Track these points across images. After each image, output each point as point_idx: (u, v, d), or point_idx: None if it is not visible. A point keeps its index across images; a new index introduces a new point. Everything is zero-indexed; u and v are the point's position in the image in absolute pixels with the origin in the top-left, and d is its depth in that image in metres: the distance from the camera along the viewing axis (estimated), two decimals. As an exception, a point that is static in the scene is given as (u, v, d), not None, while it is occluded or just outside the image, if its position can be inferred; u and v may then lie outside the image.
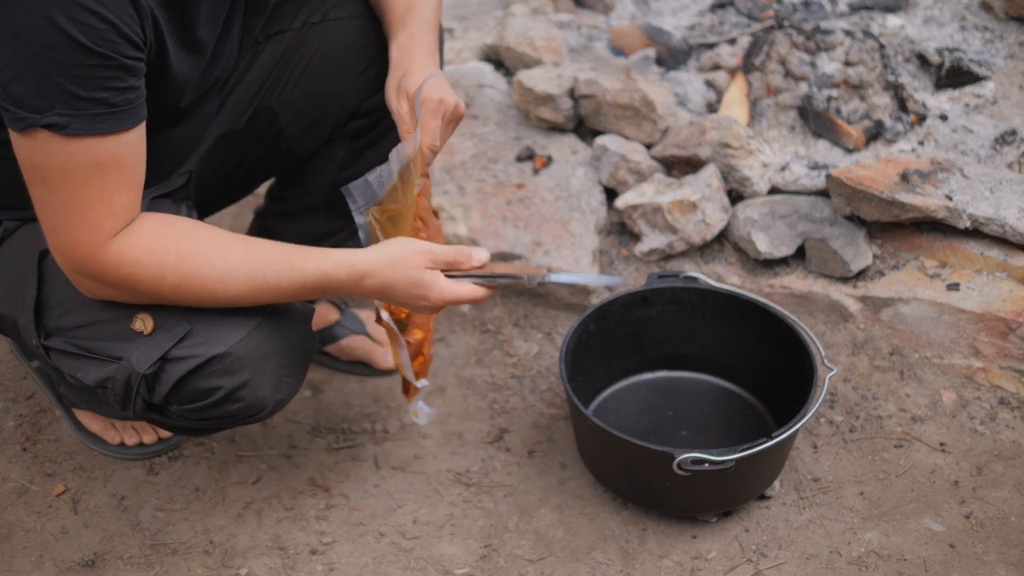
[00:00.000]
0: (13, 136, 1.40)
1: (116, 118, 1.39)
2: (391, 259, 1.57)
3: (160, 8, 1.41)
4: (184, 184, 1.75)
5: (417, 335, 1.76)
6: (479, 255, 1.63)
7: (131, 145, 1.43)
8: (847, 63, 2.51)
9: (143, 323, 1.54)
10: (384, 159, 1.93)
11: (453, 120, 1.70)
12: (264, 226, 2.07)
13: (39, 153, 1.39)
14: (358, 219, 1.71)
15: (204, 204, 1.87)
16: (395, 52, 1.74)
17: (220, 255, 1.51)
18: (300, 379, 1.69)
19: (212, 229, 1.54)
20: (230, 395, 1.57)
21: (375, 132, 1.90)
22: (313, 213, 1.99)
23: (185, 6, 1.46)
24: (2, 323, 1.70)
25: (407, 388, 1.84)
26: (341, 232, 2.01)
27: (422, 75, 1.69)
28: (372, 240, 1.72)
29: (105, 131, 1.38)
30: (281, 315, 1.62)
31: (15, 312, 1.62)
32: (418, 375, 1.78)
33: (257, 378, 1.59)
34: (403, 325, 1.74)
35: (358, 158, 1.92)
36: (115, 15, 1.33)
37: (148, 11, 1.38)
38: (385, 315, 1.70)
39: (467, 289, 1.61)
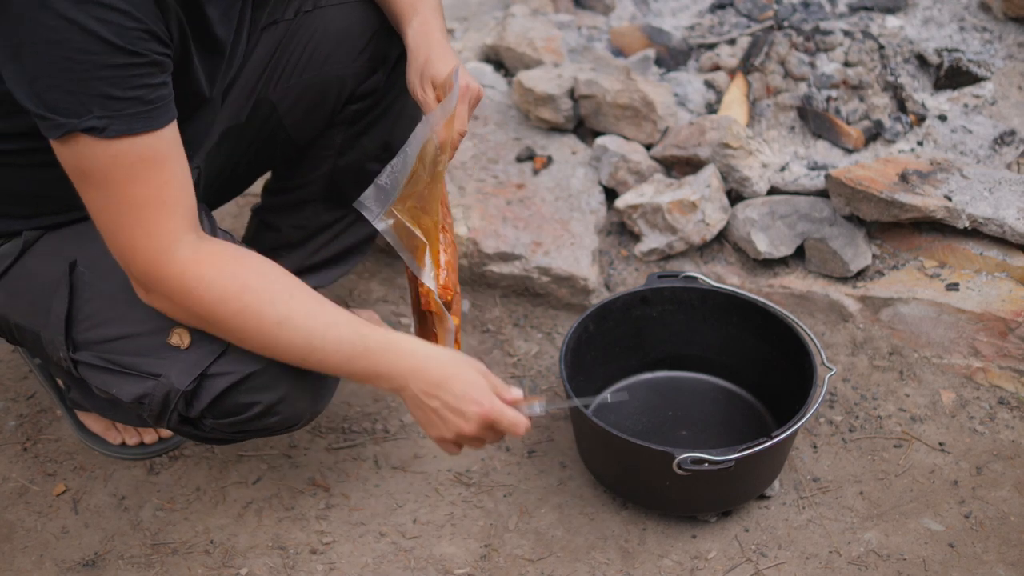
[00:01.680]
0: (55, 145, 1.39)
1: (153, 116, 1.38)
2: (456, 356, 1.54)
3: (182, 8, 1.41)
4: (196, 181, 1.75)
5: (456, 320, 1.75)
6: (515, 393, 1.56)
7: (171, 140, 1.42)
8: (846, 63, 2.51)
9: (180, 338, 1.52)
10: (381, 144, 1.94)
11: (475, 103, 1.72)
12: (263, 221, 2.07)
13: (83, 159, 1.38)
14: (379, 226, 1.69)
15: (210, 200, 1.87)
16: (411, 38, 1.75)
17: (286, 302, 1.48)
18: (334, 390, 1.69)
19: (286, 273, 1.52)
20: (268, 410, 1.56)
21: (371, 116, 1.91)
22: (312, 204, 1.99)
23: (200, 7, 1.46)
24: (20, 335, 1.68)
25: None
26: (339, 223, 2.01)
27: (443, 61, 1.70)
28: (402, 239, 1.70)
29: (144, 129, 1.38)
30: None
31: (38, 325, 1.60)
32: None
33: (295, 392, 1.58)
34: (447, 307, 1.74)
35: (354, 144, 1.93)
36: (142, 13, 1.33)
37: (172, 9, 1.38)
38: (437, 298, 1.70)
39: (514, 413, 1.53)
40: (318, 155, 1.95)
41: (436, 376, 1.50)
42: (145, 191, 1.40)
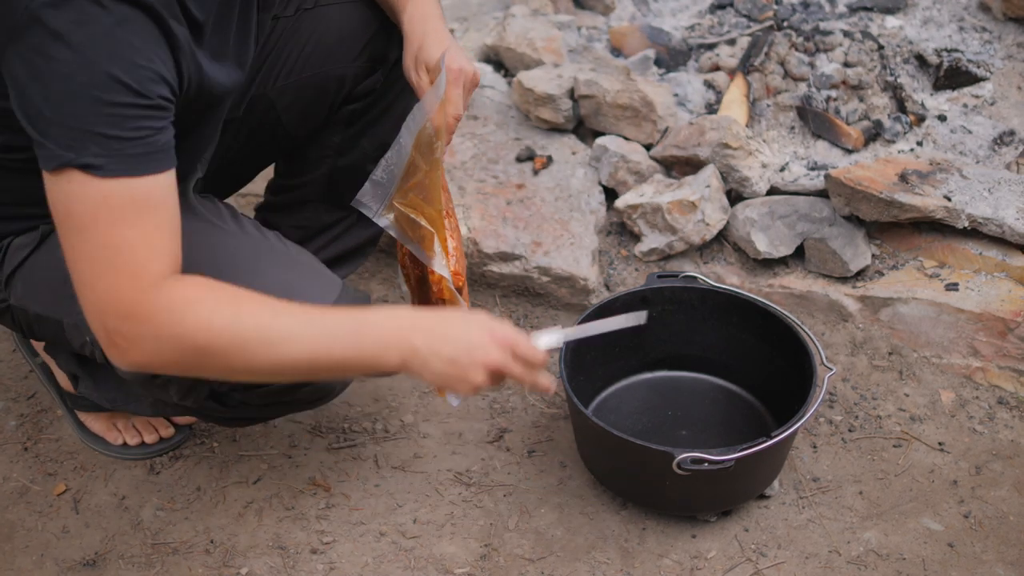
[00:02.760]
0: (46, 177, 1.34)
1: (153, 159, 1.34)
2: (456, 311, 1.49)
3: (186, 31, 1.41)
4: (198, 179, 1.76)
5: (467, 305, 1.74)
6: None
7: (167, 188, 1.37)
8: (846, 64, 2.51)
9: None
10: (380, 145, 1.94)
11: (471, 87, 1.70)
12: (264, 221, 2.07)
13: (74, 197, 1.33)
14: (381, 222, 1.69)
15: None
16: (406, 24, 1.75)
17: (278, 303, 1.40)
18: None
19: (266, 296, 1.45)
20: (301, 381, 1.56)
21: (369, 116, 1.91)
22: (312, 205, 2.00)
23: (196, 21, 1.45)
24: (40, 326, 1.68)
25: None
26: (340, 223, 2.01)
27: (437, 45, 1.70)
28: (406, 231, 1.66)
29: (142, 172, 1.33)
30: (348, 298, 1.61)
31: (60, 312, 1.59)
32: None
33: None
34: (458, 293, 1.72)
35: (353, 145, 1.93)
36: (156, 56, 1.33)
37: (186, 46, 1.37)
38: (451, 285, 1.68)
39: (526, 337, 1.44)
40: (318, 155, 1.95)
41: (436, 324, 1.42)
42: (133, 234, 1.33)
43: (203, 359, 1.37)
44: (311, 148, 1.95)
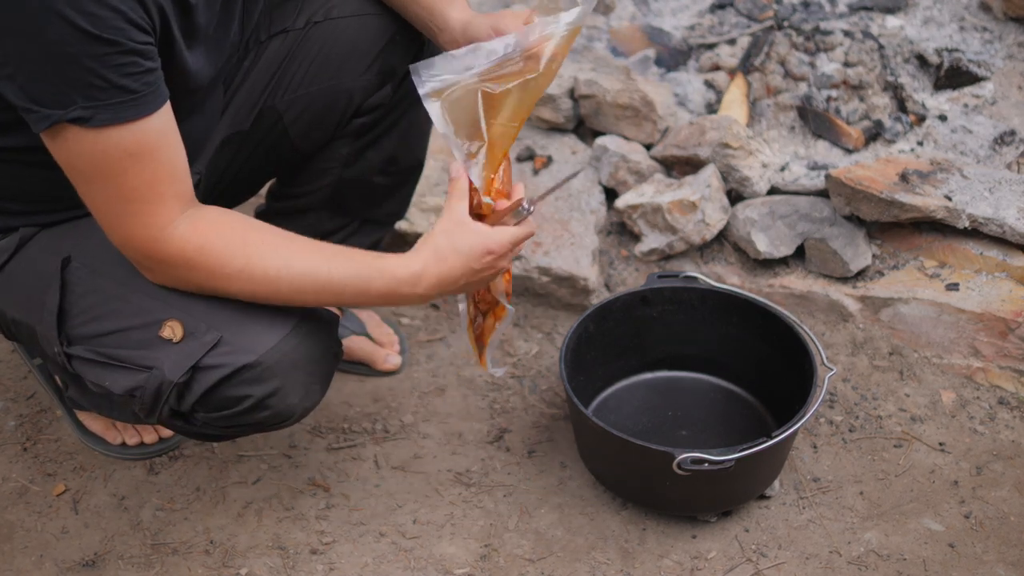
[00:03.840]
0: (45, 138, 1.39)
1: (139, 104, 1.38)
2: (438, 247, 1.54)
3: None
4: (195, 186, 1.75)
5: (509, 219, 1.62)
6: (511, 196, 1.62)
7: (161, 128, 1.42)
8: (846, 63, 2.51)
9: (172, 330, 1.52)
10: (387, 158, 1.93)
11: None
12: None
13: (73, 153, 1.39)
14: (426, 101, 1.55)
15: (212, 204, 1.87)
16: (459, 29, 1.70)
17: (286, 246, 1.52)
18: (326, 386, 1.69)
19: (275, 228, 1.55)
20: (259, 403, 1.56)
21: (378, 130, 1.91)
22: (314, 212, 1.99)
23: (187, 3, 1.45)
24: (17, 330, 1.69)
25: (481, 335, 1.76)
26: (342, 231, 2.01)
27: (504, 22, 1.65)
28: (450, 124, 1.54)
29: (131, 118, 1.37)
30: (310, 323, 1.61)
31: (33, 320, 1.61)
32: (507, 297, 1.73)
33: (286, 387, 1.58)
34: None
35: (360, 157, 1.93)
36: (119, 2, 1.32)
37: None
38: (485, 200, 1.60)
39: (515, 228, 1.57)
40: (323, 166, 1.95)
41: (435, 275, 1.54)
42: (137, 181, 1.41)
43: (217, 292, 1.52)
44: (317, 159, 1.95)
